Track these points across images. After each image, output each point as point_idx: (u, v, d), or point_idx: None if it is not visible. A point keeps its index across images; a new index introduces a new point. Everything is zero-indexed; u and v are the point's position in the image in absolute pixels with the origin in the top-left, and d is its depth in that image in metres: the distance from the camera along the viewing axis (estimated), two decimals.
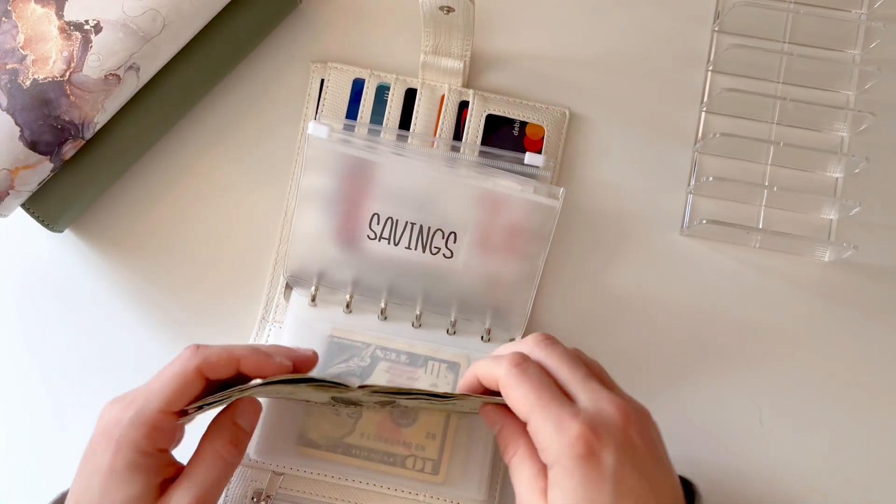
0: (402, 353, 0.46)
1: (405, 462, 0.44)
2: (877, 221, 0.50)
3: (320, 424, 0.44)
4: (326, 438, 0.44)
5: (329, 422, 0.44)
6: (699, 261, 0.50)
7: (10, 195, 0.42)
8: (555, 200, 0.45)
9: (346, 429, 0.44)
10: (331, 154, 0.45)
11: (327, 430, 0.44)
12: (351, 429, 0.44)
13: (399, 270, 0.46)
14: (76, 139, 0.43)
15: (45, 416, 0.48)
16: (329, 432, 0.44)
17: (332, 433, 0.44)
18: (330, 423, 0.44)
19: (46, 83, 0.42)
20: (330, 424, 0.44)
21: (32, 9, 0.43)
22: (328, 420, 0.44)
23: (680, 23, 0.52)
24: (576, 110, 0.51)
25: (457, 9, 0.43)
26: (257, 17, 0.48)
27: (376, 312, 0.47)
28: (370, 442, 0.44)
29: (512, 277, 0.46)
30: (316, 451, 0.44)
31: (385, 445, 0.44)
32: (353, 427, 0.44)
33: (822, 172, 0.51)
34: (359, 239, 0.46)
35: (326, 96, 0.49)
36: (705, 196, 0.50)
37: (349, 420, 0.44)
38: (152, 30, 0.43)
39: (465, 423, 0.45)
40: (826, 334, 0.49)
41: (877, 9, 0.52)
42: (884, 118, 0.50)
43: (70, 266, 0.49)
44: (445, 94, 0.49)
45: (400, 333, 0.46)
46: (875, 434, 0.49)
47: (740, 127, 0.51)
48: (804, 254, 0.50)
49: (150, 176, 0.49)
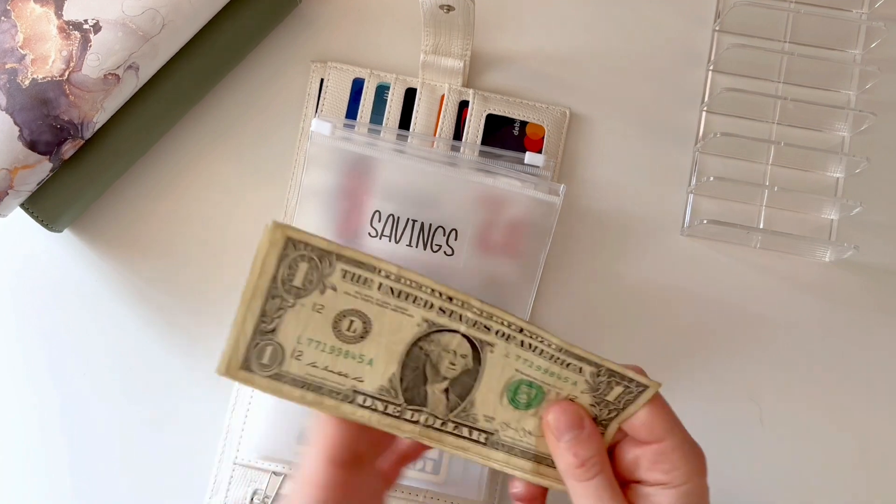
0: None
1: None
2: (878, 221, 0.50)
3: None
4: None
5: None
6: (700, 261, 0.50)
7: (10, 195, 0.42)
8: (555, 197, 0.45)
9: None
10: (333, 151, 0.45)
11: None
12: None
13: None
14: (75, 139, 0.43)
15: (44, 416, 0.48)
16: None
17: None
18: None
19: (45, 83, 0.41)
20: None
21: (31, 8, 0.43)
22: None
23: (680, 22, 0.52)
24: (576, 110, 0.51)
25: (457, 8, 0.43)
26: (257, 16, 0.47)
27: None
28: None
29: (513, 276, 0.46)
30: None
31: None
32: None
33: (822, 172, 0.51)
34: (360, 237, 0.46)
35: (326, 96, 0.49)
36: (706, 196, 0.50)
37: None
38: (152, 29, 0.43)
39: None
40: (827, 334, 0.49)
41: (877, 8, 0.52)
42: (884, 118, 0.50)
43: (69, 266, 0.49)
44: (445, 93, 0.49)
45: None
46: (876, 434, 0.49)
47: (741, 127, 0.51)
48: (805, 254, 0.50)
49: (150, 175, 0.49)
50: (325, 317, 0.32)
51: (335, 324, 0.32)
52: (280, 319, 0.31)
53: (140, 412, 0.47)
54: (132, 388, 0.48)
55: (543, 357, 0.34)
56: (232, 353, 0.30)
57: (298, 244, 0.30)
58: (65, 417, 0.48)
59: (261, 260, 0.30)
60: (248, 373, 0.31)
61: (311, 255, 0.31)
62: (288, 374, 0.31)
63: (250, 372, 0.31)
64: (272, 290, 0.31)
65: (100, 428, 0.47)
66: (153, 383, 0.48)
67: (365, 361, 0.32)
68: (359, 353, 0.32)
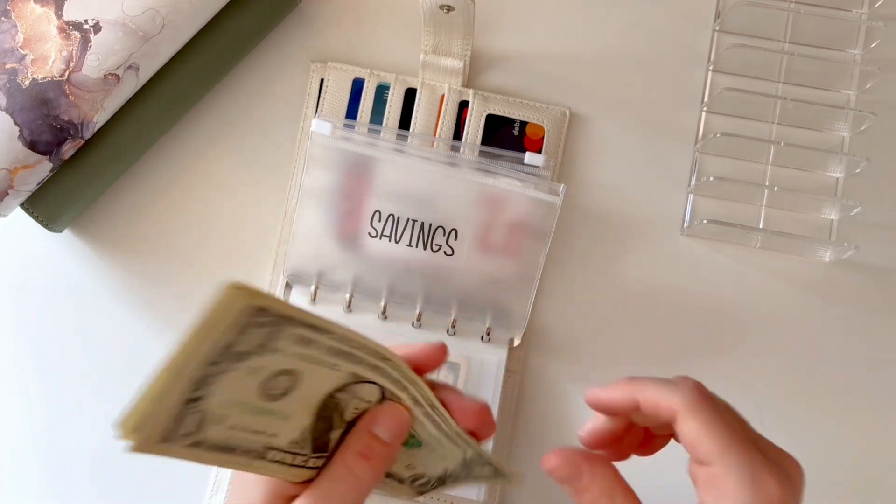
0: None
1: None
2: (877, 221, 0.50)
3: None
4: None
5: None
6: (699, 261, 0.50)
7: (10, 195, 0.42)
8: (555, 197, 0.45)
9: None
10: (333, 151, 0.45)
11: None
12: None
13: (400, 268, 0.46)
14: (75, 139, 0.43)
15: (44, 415, 0.48)
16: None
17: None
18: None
19: (45, 83, 0.41)
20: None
21: (31, 8, 0.43)
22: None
23: (680, 22, 0.52)
24: (576, 110, 0.51)
25: (457, 8, 0.43)
26: (257, 16, 0.47)
27: (376, 312, 0.47)
28: None
29: (512, 276, 0.46)
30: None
31: None
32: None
33: (822, 172, 0.51)
34: (360, 237, 0.46)
35: (326, 96, 0.49)
36: (706, 196, 0.50)
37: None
38: (151, 29, 0.43)
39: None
40: (827, 334, 0.49)
41: (877, 8, 0.52)
42: (884, 118, 0.50)
43: (69, 266, 0.49)
44: (445, 93, 0.49)
45: (400, 333, 0.46)
46: (876, 434, 0.49)
47: (741, 127, 0.51)
48: (805, 254, 0.50)
49: (150, 175, 0.49)
50: (256, 378, 0.28)
51: (264, 384, 0.28)
52: (211, 387, 0.26)
53: None
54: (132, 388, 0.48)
55: (440, 432, 0.34)
56: (150, 429, 0.25)
57: (259, 312, 0.25)
58: (64, 417, 0.47)
59: (209, 326, 0.25)
60: (166, 444, 0.26)
61: (269, 321, 0.26)
62: (206, 440, 0.27)
63: (167, 444, 0.26)
64: (213, 357, 0.25)
65: (100, 428, 0.47)
66: None
67: (281, 417, 0.30)
68: (279, 409, 0.30)
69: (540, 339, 0.49)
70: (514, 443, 0.47)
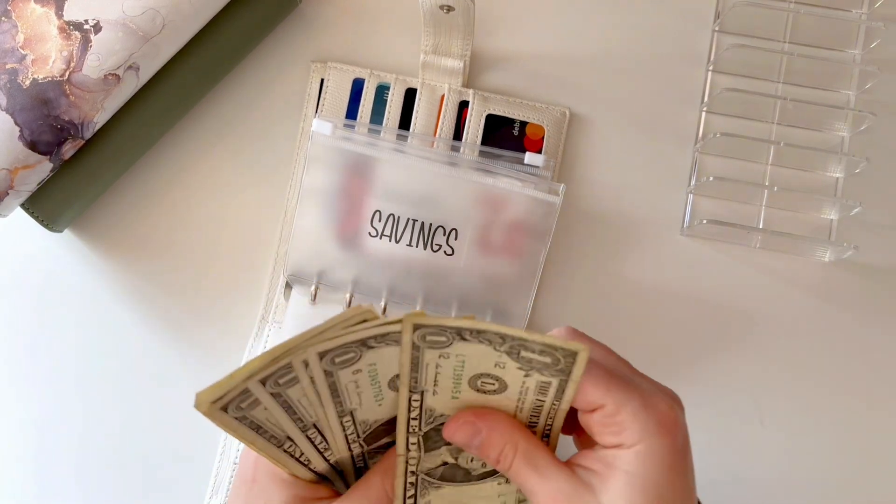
0: None
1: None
2: (877, 221, 0.50)
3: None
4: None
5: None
6: (699, 261, 0.50)
7: (10, 195, 0.42)
8: (555, 196, 0.45)
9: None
10: (334, 151, 0.45)
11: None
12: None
13: (400, 268, 0.46)
14: (76, 139, 0.43)
15: (44, 415, 0.48)
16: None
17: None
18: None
19: (46, 83, 0.42)
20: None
21: (32, 8, 0.43)
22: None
23: (680, 22, 0.52)
24: (576, 110, 0.51)
25: (457, 8, 0.43)
26: (257, 16, 0.47)
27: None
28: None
29: (512, 276, 0.46)
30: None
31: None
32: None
33: (822, 172, 0.51)
34: (360, 237, 0.46)
35: (326, 96, 0.49)
36: (706, 196, 0.50)
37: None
38: (152, 29, 0.43)
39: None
40: (827, 334, 0.49)
41: (877, 8, 0.52)
42: (884, 118, 0.50)
43: (69, 266, 0.49)
44: (445, 93, 0.49)
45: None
46: (876, 434, 0.49)
47: (741, 127, 0.51)
48: (805, 254, 0.50)
49: (150, 176, 0.49)
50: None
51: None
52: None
53: (139, 412, 0.47)
54: (131, 388, 0.48)
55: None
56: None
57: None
58: (64, 417, 0.47)
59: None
60: (223, 414, 0.29)
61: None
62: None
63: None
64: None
65: (99, 427, 0.47)
66: (153, 383, 0.48)
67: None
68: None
69: None
70: None
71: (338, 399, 0.31)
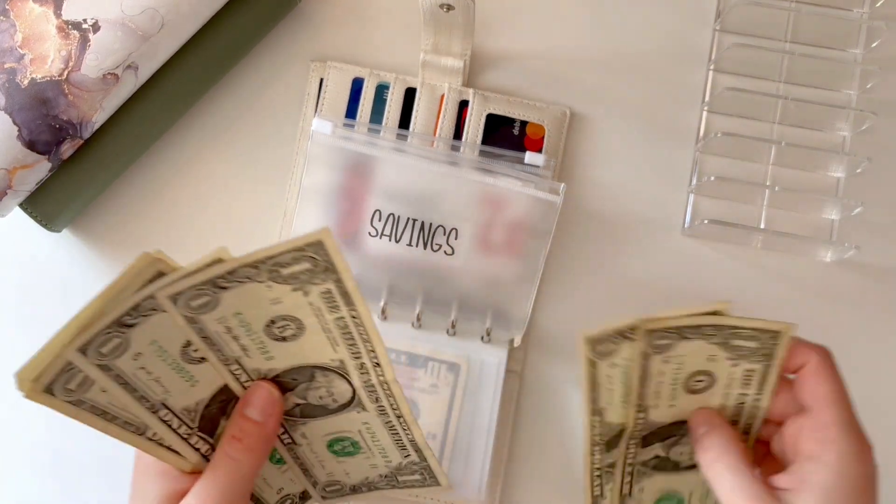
0: (402, 354, 0.46)
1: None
2: (878, 221, 0.50)
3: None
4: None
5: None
6: (700, 261, 0.49)
7: (8, 195, 0.42)
8: (555, 196, 0.45)
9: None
10: (334, 150, 0.45)
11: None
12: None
13: (400, 268, 0.46)
14: (74, 139, 0.43)
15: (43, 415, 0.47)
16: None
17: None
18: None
19: (44, 82, 0.41)
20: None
21: (31, 8, 0.42)
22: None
23: (681, 22, 0.52)
24: (576, 110, 0.50)
25: (457, 7, 0.43)
26: (256, 15, 0.47)
27: (376, 312, 0.47)
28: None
29: (512, 276, 0.46)
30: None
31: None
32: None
33: (823, 172, 0.50)
34: (360, 236, 0.46)
35: (326, 95, 0.49)
36: (707, 196, 0.50)
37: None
38: (151, 29, 0.43)
39: (465, 423, 0.45)
40: (828, 334, 0.49)
41: (878, 8, 0.52)
42: (885, 117, 0.50)
43: (68, 266, 0.48)
44: (445, 93, 0.49)
45: (400, 333, 0.46)
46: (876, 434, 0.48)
47: (742, 126, 0.51)
48: (806, 254, 0.50)
49: (149, 175, 0.49)
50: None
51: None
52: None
53: None
54: None
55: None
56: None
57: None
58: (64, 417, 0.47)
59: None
60: (48, 396, 0.29)
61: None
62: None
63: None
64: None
65: None
66: None
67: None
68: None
69: (540, 339, 0.48)
70: (515, 443, 0.47)
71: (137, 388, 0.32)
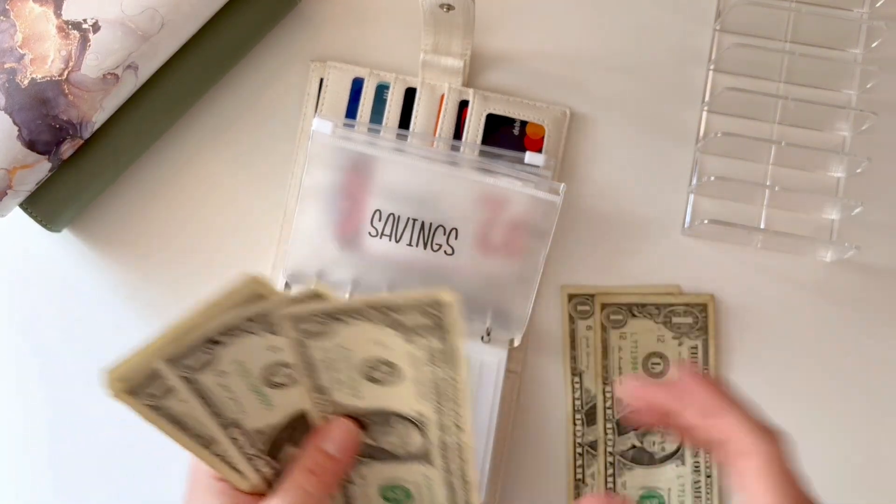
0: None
1: None
2: (879, 221, 0.50)
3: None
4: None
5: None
6: (700, 261, 0.49)
7: (8, 195, 0.42)
8: (555, 196, 0.45)
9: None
10: (334, 150, 0.45)
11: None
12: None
13: (399, 268, 0.46)
14: (74, 139, 0.43)
15: (43, 416, 0.47)
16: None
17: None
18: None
19: (44, 82, 0.41)
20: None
21: (31, 7, 0.42)
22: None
23: (681, 22, 0.52)
24: (576, 110, 0.50)
25: (457, 7, 0.43)
26: (256, 15, 0.47)
27: None
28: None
29: (512, 275, 0.46)
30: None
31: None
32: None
33: (823, 172, 0.50)
34: (360, 236, 0.46)
35: (325, 95, 0.49)
36: (707, 196, 0.50)
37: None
38: (151, 29, 0.43)
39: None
40: (828, 335, 0.49)
41: (879, 8, 0.52)
42: (886, 117, 0.50)
43: (68, 266, 0.48)
44: (445, 93, 0.49)
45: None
46: (877, 434, 0.48)
47: (742, 126, 0.51)
48: (806, 254, 0.50)
49: (149, 175, 0.49)
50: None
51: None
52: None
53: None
54: None
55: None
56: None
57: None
58: (64, 417, 0.47)
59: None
60: (131, 397, 0.29)
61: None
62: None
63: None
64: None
65: (99, 427, 0.47)
66: None
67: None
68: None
69: (540, 339, 0.48)
70: (514, 443, 0.47)
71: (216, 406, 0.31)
